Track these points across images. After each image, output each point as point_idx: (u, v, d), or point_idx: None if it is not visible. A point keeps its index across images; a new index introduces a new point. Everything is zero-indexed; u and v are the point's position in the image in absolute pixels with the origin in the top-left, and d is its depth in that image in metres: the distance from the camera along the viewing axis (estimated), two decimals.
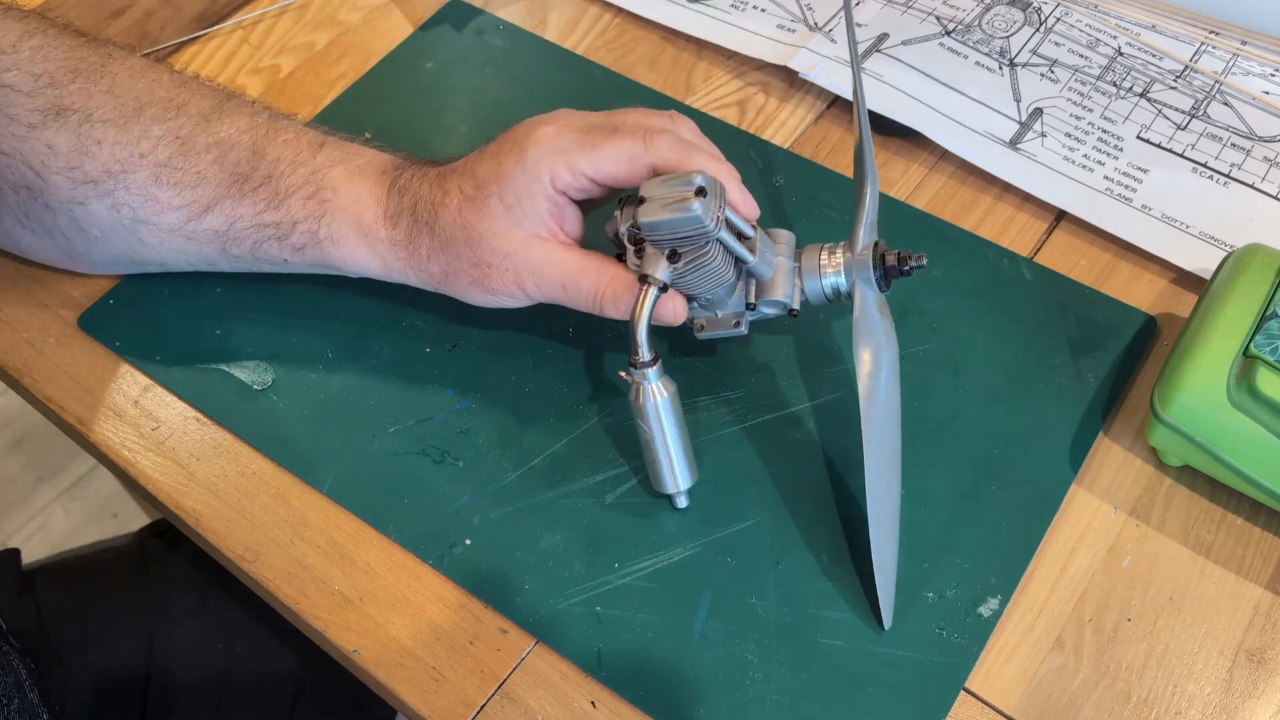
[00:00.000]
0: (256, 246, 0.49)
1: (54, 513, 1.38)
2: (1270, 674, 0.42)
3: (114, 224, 0.48)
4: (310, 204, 0.48)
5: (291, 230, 0.48)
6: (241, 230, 0.48)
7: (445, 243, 0.46)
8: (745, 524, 0.46)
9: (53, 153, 0.47)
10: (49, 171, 0.47)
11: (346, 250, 0.48)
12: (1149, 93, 0.60)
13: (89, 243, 0.50)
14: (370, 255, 0.48)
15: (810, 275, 0.45)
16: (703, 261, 0.43)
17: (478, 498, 0.47)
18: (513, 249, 0.45)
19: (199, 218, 0.48)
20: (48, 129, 0.47)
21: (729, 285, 0.45)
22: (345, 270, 0.49)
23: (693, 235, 0.41)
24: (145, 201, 0.48)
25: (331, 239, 0.48)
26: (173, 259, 0.50)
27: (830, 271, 0.45)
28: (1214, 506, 0.47)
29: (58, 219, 0.49)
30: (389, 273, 0.49)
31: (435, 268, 0.47)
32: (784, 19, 0.65)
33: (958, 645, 0.43)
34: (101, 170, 0.47)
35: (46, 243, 0.51)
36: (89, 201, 0.48)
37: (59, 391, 0.51)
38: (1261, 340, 0.43)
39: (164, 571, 0.66)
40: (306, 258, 0.49)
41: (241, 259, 0.50)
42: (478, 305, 0.48)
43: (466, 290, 0.47)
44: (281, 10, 0.67)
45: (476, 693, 0.43)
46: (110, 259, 0.51)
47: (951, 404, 0.49)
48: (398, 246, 0.47)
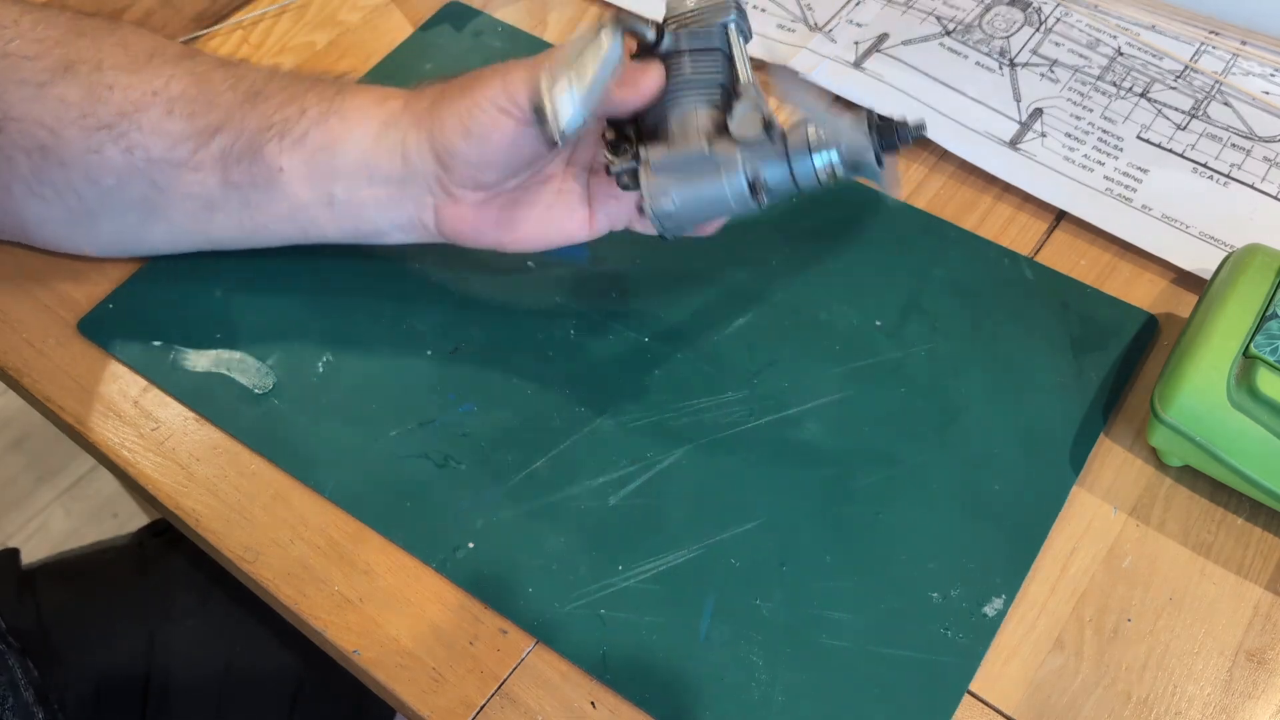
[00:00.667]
0: (256, 158, 0.47)
1: (54, 513, 1.38)
2: (1270, 674, 0.42)
3: (128, 168, 0.48)
4: (326, 91, 0.48)
5: (299, 118, 0.47)
6: (246, 142, 0.48)
7: (444, 81, 0.46)
8: (749, 525, 0.46)
9: (65, 105, 0.47)
10: (63, 125, 0.47)
11: (353, 117, 0.47)
12: (1149, 93, 0.60)
13: (101, 197, 0.49)
14: (378, 111, 0.47)
15: (801, 164, 0.41)
16: (707, 53, 0.43)
17: (480, 501, 0.47)
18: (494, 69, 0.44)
19: (207, 143, 0.48)
20: (58, 85, 0.47)
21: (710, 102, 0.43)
22: (340, 152, 0.47)
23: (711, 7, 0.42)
24: (158, 139, 0.48)
25: (340, 111, 0.47)
26: (178, 205, 0.50)
27: (823, 154, 0.41)
28: (1214, 506, 0.47)
29: (71, 176, 0.48)
30: (387, 125, 0.47)
31: (434, 91, 0.46)
32: (784, 19, 0.65)
33: (962, 645, 0.43)
34: (115, 113, 0.47)
35: (58, 210, 0.50)
36: (104, 148, 0.47)
37: (59, 391, 0.51)
38: (1261, 340, 0.43)
39: (164, 571, 0.66)
40: (306, 145, 0.47)
41: (239, 184, 0.48)
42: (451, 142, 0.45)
43: (451, 103, 0.45)
44: (281, 10, 0.67)
45: (476, 693, 0.43)
46: (118, 219, 0.50)
47: (953, 403, 0.49)
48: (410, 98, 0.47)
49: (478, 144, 0.44)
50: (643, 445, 0.48)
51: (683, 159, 0.42)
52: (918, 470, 0.47)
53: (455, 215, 0.48)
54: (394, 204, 0.48)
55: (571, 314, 0.53)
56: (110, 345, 0.52)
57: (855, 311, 0.52)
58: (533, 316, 0.53)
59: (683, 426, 0.49)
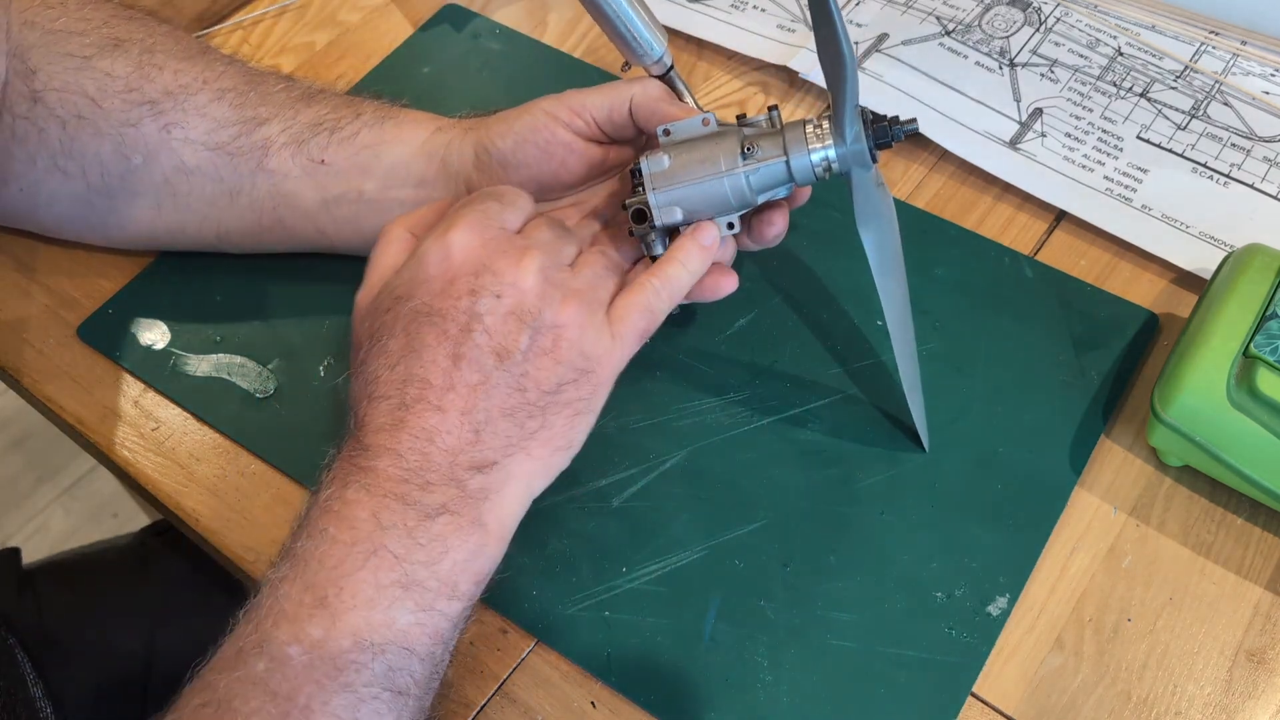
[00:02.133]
0: (301, 146, 0.49)
1: (54, 513, 1.38)
2: (1270, 674, 0.43)
3: (160, 146, 0.48)
4: (384, 106, 0.50)
5: (354, 120, 0.49)
6: (294, 133, 0.49)
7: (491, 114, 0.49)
8: (753, 526, 0.46)
9: (110, 78, 0.48)
10: (105, 96, 0.48)
11: (408, 126, 0.49)
12: (1149, 93, 0.60)
13: (125, 174, 0.49)
14: (431, 121, 0.49)
15: (797, 149, 0.43)
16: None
17: None
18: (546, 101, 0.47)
19: (251, 131, 0.49)
20: (105, 58, 0.48)
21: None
22: (386, 151, 0.49)
23: None
24: (200, 120, 0.48)
25: (395, 119, 0.49)
26: (201, 189, 0.50)
27: (819, 148, 0.43)
28: (1214, 506, 0.47)
29: (101, 146, 0.48)
30: (439, 131, 0.49)
31: (474, 119, 0.49)
32: (784, 19, 0.65)
33: (967, 644, 0.43)
34: (161, 91, 0.48)
35: (77, 185, 0.50)
36: (142, 122, 0.48)
37: (59, 391, 0.51)
38: (1261, 340, 0.43)
39: (165, 571, 0.66)
40: (355, 142, 0.49)
41: (274, 171, 0.49)
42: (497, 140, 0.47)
43: (504, 117, 0.47)
44: (281, 10, 0.67)
45: (476, 693, 0.43)
46: (135, 197, 0.50)
47: (956, 403, 0.49)
48: (450, 123, 0.49)
49: (514, 141, 0.46)
50: (645, 447, 0.48)
51: (686, 155, 0.44)
52: (920, 470, 0.47)
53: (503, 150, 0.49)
54: (417, 205, 0.49)
55: None
56: (111, 351, 0.52)
57: (856, 311, 0.52)
58: None
59: (685, 428, 0.49)
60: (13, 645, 0.56)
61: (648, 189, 0.43)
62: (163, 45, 0.49)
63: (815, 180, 0.44)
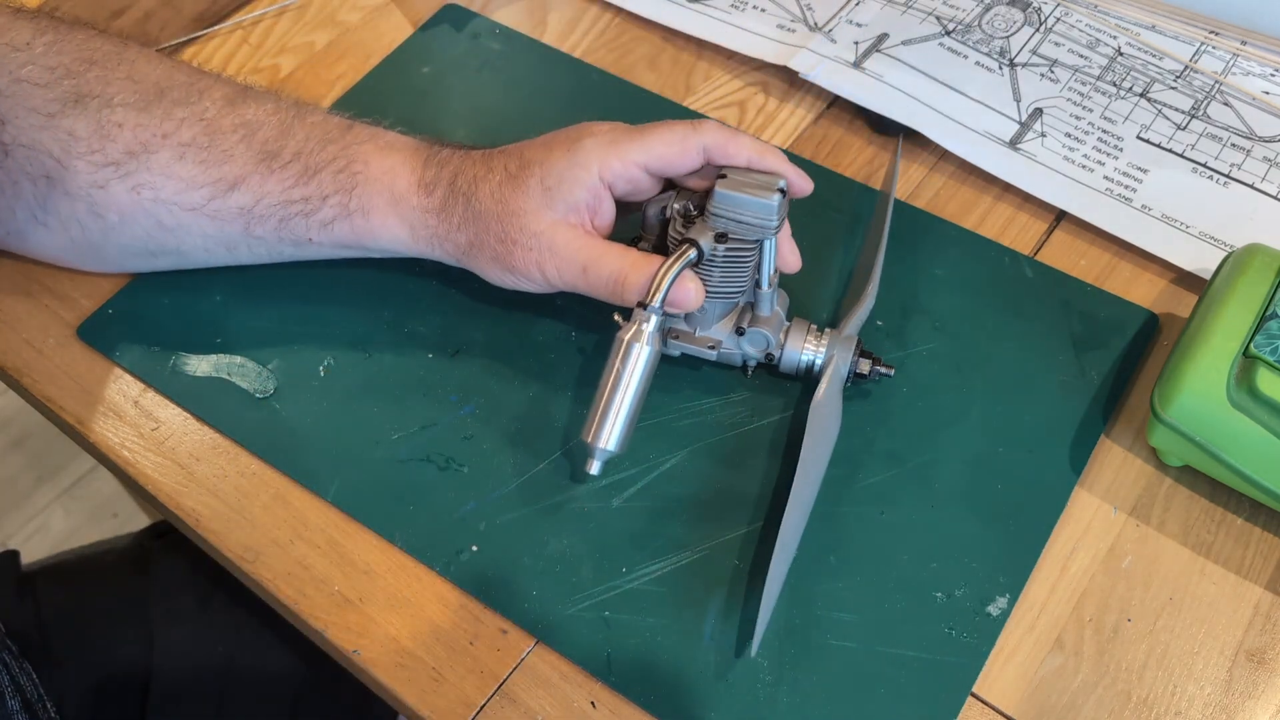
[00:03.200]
0: (282, 224, 0.49)
1: (54, 513, 1.38)
2: (1270, 674, 0.43)
3: (134, 207, 0.48)
4: (341, 177, 0.48)
5: (321, 205, 0.48)
6: (268, 207, 0.48)
7: (477, 215, 0.47)
8: (752, 526, 0.46)
9: (74, 139, 0.47)
10: (70, 157, 0.47)
11: (376, 221, 0.48)
12: (1149, 93, 0.60)
13: (105, 231, 0.49)
14: (400, 224, 0.48)
15: (792, 348, 0.48)
16: (739, 256, 0.45)
17: (483, 503, 0.47)
18: (540, 230, 0.45)
19: (224, 195, 0.48)
20: (67, 116, 0.47)
21: (730, 305, 0.47)
22: (370, 246, 0.50)
23: (753, 224, 0.44)
24: (167, 180, 0.48)
25: (362, 210, 0.48)
26: (190, 243, 0.50)
27: (810, 349, 0.48)
28: (1214, 506, 0.47)
29: (75, 207, 0.48)
30: (415, 241, 0.49)
31: (462, 238, 0.48)
32: (784, 19, 0.65)
33: (967, 644, 0.43)
34: (123, 152, 0.47)
35: (60, 239, 0.50)
36: (109, 184, 0.48)
37: (59, 391, 0.51)
38: (1261, 340, 0.43)
39: (164, 573, 0.66)
40: (333, 234, 0.49)
41: (264, 240, 0.50)
42: (494, 283, 0.48)
43: (487, 266, 0.48)
44: (281, 10, 0.67)
45: (476, 693, 0.43)
46: (124, 249, 0.51)
47: (956, 403, 0.49)
48: (429, 214, 0.48)
49: (523, 283, 0.48)
50: (645, 447, 0.48)
51: None
52: (920, 470, 0.47)
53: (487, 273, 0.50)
54: (430, 260, 0.51)
55: (572, 315, 0.53)
56: (111, 352, 0.52)
57: None
58: (533, 318, 0.53)
59: (685, 428, 0.49)
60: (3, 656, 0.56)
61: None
62: (120, 96, 0.48)
63: (791, 373, 0.49)
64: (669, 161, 0.45)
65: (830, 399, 0.47)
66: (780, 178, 0.44)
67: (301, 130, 0.49)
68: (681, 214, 0.46)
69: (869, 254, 0.52)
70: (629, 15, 0.66)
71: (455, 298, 0.53)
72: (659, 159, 0.45)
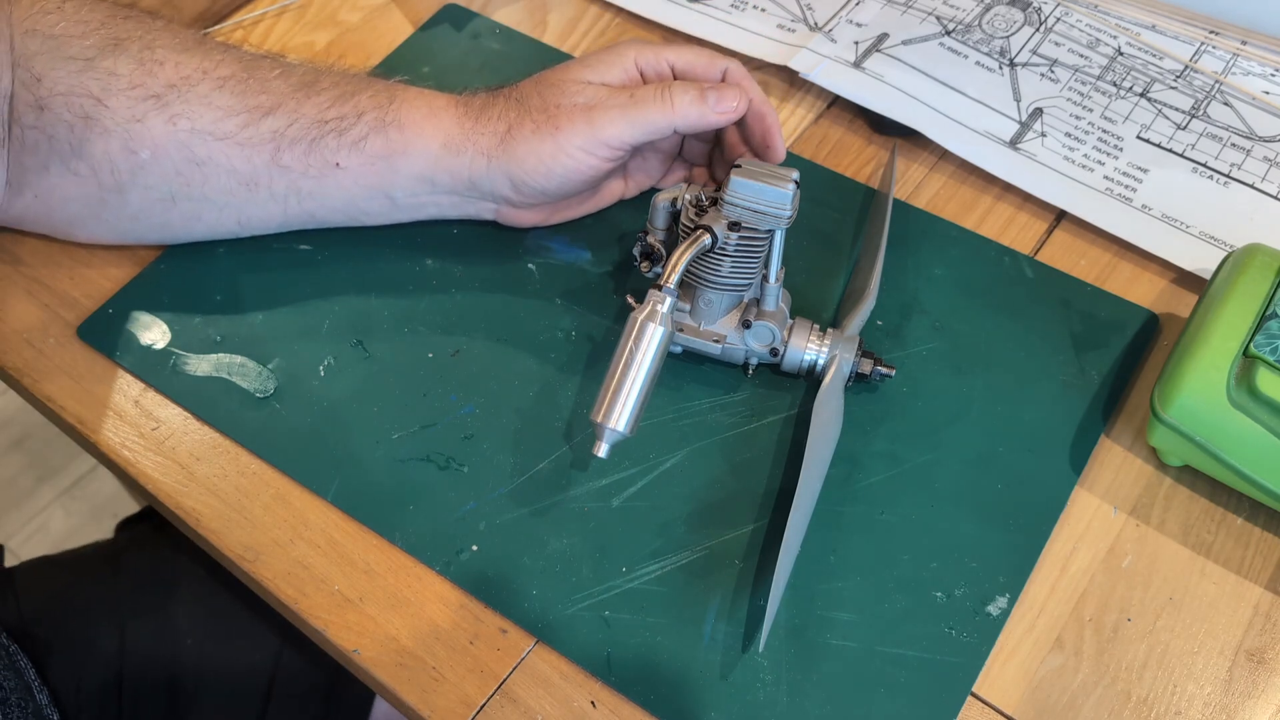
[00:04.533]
0: (312, 147, 0.49)
1: (54, 513, 1.38)
2: (1270, 674, 0.43)
3: (167, 139, 0.49)
4: (380, 96, 0.50)
5: (357, 121, 0.49)
6: (302, 129, 0.49)
7: (518, 100, 0.49)
8: (752, 526, 0.46)
9: (114, 77, 0.48)
10: (109, 94, 0.48)
11: (410, 132, 0.49)
12: (1149, 93, 0.60)
13: (134, 170, 0.49)
14: (434, 133, 0.49)
15: (795, 346, 0.48)
16: (750, 247, 0.46)
17: (483, 503, 0.47)
18: (582, 90, 0.48)
19: (258, 121, 0.49)
20: (107, 58, 0.48)
21: (736, 299, 0.48)
22: (399, 165, 0.50)
23: (767, 214, 0.45)
24: (205, 110, 0.49)
25: (398, 123, 0.49)
26: (214, 181, 0.50)
27: (813, 348, 0.48)
28: (1214, 506, 0.47)
29: (110, 145, 0.49)
30: (445, 152, 0.50)
31: (501, 125, 0.49)
32: (784, 19, 0.65)
33: (967, 644, 0.43)
34: (165, 84, 0.48)
35: (89, 186, 0.50)
36: (148, 116, 0.48)
37: (59, 391, 0.51)
38: (1261, 340, 0.43)
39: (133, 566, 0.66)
40: (365, 151, 0.49)
41: (289, 171, 0.50)
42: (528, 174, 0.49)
43: (528, 141, 0.48)
44: (281, 10, 0.67)
45: (476, 693, 0.43)
46: (147, 193, 0.50)
47: (956, 403, 0.49)
48: (466, 118, 0.50)
49: (560, 181, 0.49)
50: (645, 447, 0.48)
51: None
52: (920, 470, 0.47)
53: (514, 215, 0.53)
54: (454, 207, 0.53)
55: (571, 314, 0.53)
56: (111, 351, 0.52)
57: None
58: (533, 317, 0.53)
59: (685, 428, 0.49)
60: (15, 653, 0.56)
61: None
62: (162, 40, 0.49)
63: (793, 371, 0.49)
64: (695, 66, 0.50)
65: (833, 398, 0.47)
66: (795, 171, 0.45)
67: (338, 73, 0.51)
68: (694, 204, 0.47)
69: (869, 254, 0.52)
70: (629, 15, 0.66)
71: (455, 298, 0.53)
72: (687, 63, 0.50)
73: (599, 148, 0.48)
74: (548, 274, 0.54)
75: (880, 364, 0.48)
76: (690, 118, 0.47)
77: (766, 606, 0.42)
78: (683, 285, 0.47)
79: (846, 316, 0.49)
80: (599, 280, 0.54)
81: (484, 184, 0.50)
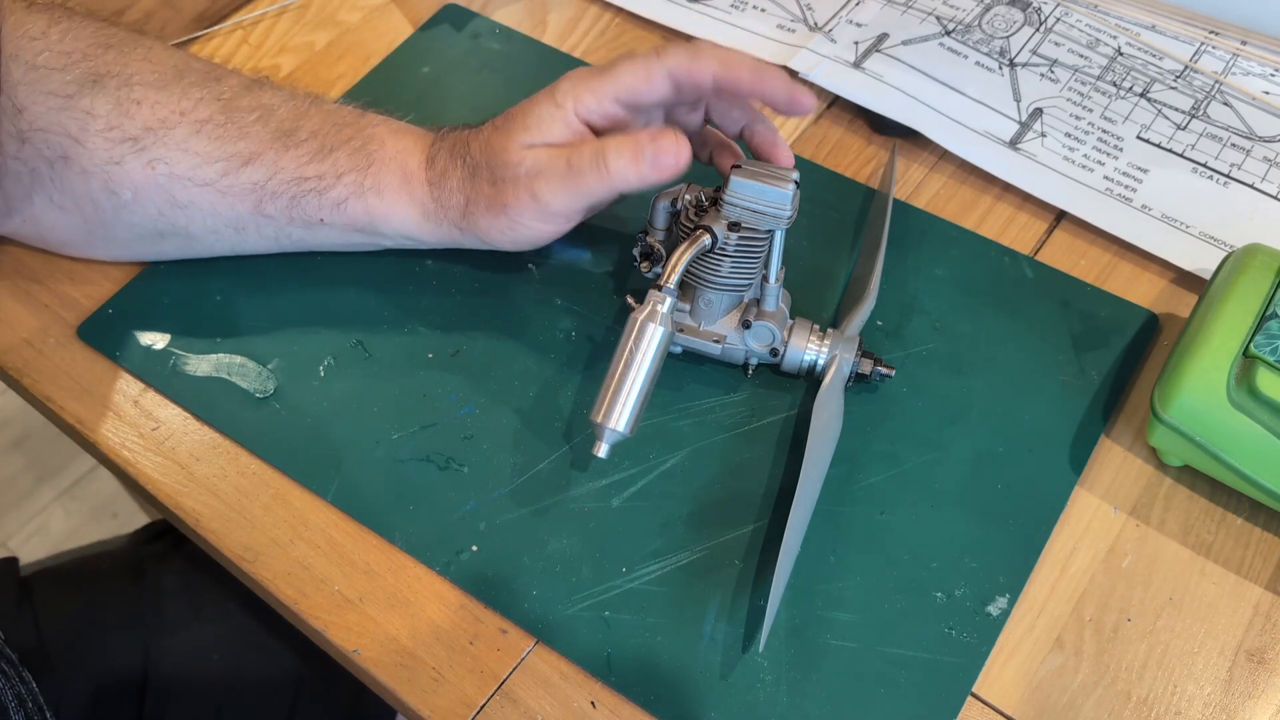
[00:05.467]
0: (294, 203, 0.49)
1: (54, 513, 1.38)
2: (1270, 674, 0.43)
3: (148, 182, 0.48)
4: (357, 156, 0.49)
5: (335, 183, 0.49)
6: (282, 184, 0.49)
7: (471, 170, 0.48)
8: (752, 526, 0.46)
9: (91, 117, 0.48)
10: (87, 135, 0.48)
11: (389, 199, 0.49)
12: (1149, 93, 0.60)
13: (117, 209, 0.49)
14: (410, 203, 0.49)
15: (795, 346, 0.48)
16: (750, 247, 0.46)
17: (483, 503, 0.47)
18: (522, 159, 0.47)
19: (238, 170, 0.49)
20: (85, 96, 0.47)
21: (736, 299, 0.48)
22: (382, 229, 0.50)
23: (767, 214, 0.45)
24: (183, 155, 0.48)
25: (376, 189, 0.49)
26: (200, 224, 0.50)
27: (814, 348, 0.48)
28: (1214, 506, 0.47)
29: (90, 185, 0.49)
30: (425, 220, 0.50)
31: (460, 198, 0.49)
32: (784, 19, 0.65)
33: (967, 644, 0.43)
34: (141, 128, 0.48)
35: (74, 218, 0.50)
36: (125, 160, 0.48)
37: (59, 391, 0.51)
38: (1261, 340, 0.43)
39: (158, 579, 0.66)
40: (346, 214, 0.49)
41: (274, 220, 0.50)
42: (497, 244, 0.49)
43: (484, 219, 0.48)
44: (281, 10, 0.67)
45: (476, 693, 0.43)
46: (133, 229, 0.51)
47: (956, 403, 0.49)
48: (432, 186, 0.49)
49: (530, 244, 0.49)
50: (645, 447, 0.48)
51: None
52: (920, 470, 0.47)
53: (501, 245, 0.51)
54: (442, 246, 0.52)
55: (571, 314, 0.53)
56: (111, 352, 0.52)
57: None
58: (533, 317, 0.53)
59: (684, 428, 0.49)
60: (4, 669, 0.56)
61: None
62: (140, 75, 0.49)
63: (793, 372, 0.49)
64: (637, 90, 0.46)
65: (833, 398, 0.47)
66: (795, 171, 0.45)
67: (318, 114, 0.50)
68: (694, 204, 0.47)
69: (869, 254, 0.52)
70: (629, 15, 0.66)
71: (455, 298, 0.53)
72: (627, 90, 0.46)
73: (551, 218, 0.47)
74: (548, 274, 0.54)
75: (880, 364, 0.48)
76: (630, 180, 0.44)
77: (766, 606, 0.42)
78: (683, 285, 0.47)
79: (846, 317, 0.49)
80: (599, 280, 0.54)
81: (465, 243, 0.51)
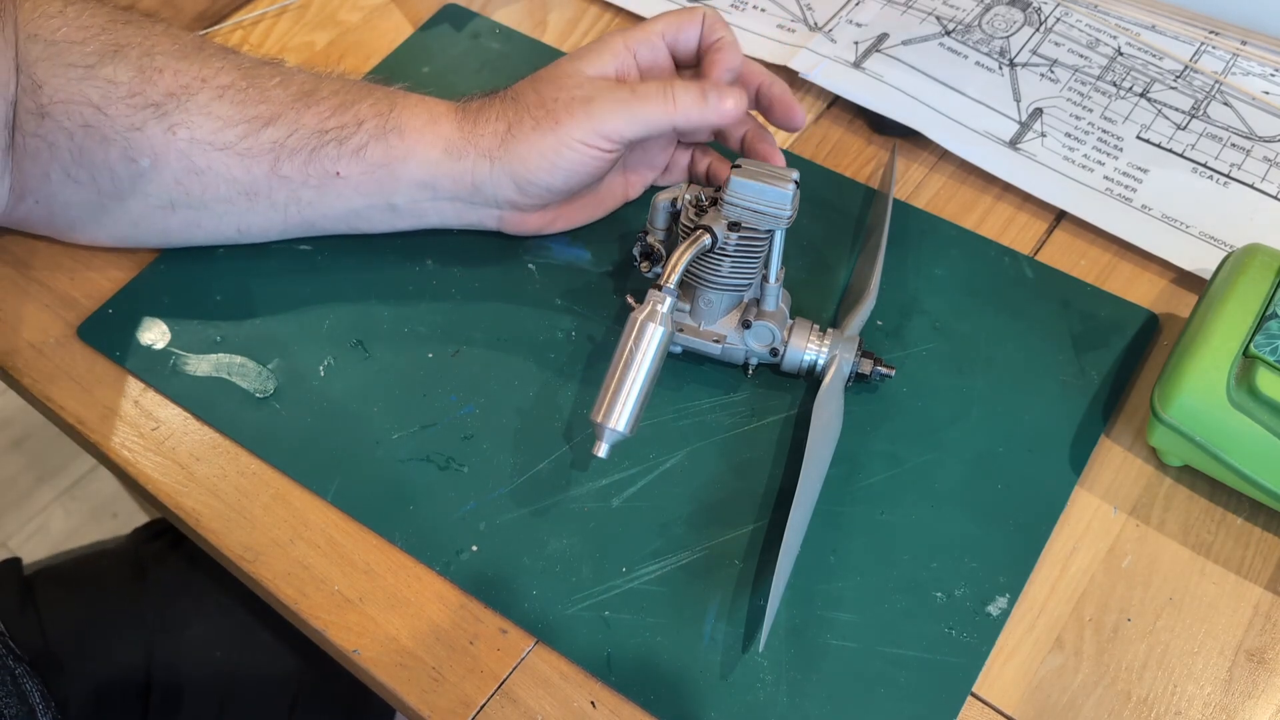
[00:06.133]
0: (312, 156, 0.49)
1: (54, 513, 1.38)
2: (1270, 674, 0.43)
3: (167, 148, 0.49)
4: (380, 104, 0.50)
5: (357, 130, 0.49)
6: (301, 139, 0.49)
7: (515, 99, 0.49)
8: (752, 526, 0.46)
9: (114, 85, 0.48)
10: (109, 102, 0.48)
11: (411, 138, 0.49)
12: (1149, 93, 0.60)
13: (134, 178, 0.49)
14: (434, 139, 0.49)
15: (795, 346, 0.48)
16: (750, 247, 0.46)
17: (483, 503, 0.47)
18: (581, 83, 0.48)
19: (258, 132, 0.49)
20: (107, 65, 0.48)
21: (736, 299, 0.48)
22: (399, 172, 0.50)
23: (767, 214, 0.45)
24: (205, 120, 0.48)
25: (399, 130, 0.49)
26: (214, 189, 0.50)
27: (814, 348, 0.48)
28: (1214, 506, 0.47)
29: (109, 153, 0.49)
30: (445, 156, 0.49)
31: (501, 125, 0.49)
32: (784, 19, 0.65)
33: (967, 644, 0.43)
34: (164, 93, 0.48)
35: (87, 193, 0.50)
36: (147, 125, 0.48)
37: (59, 391, 0.51)
38: (1261, 340, 0.43)
39: (161, 577, 0.66)
40: (366, 159, 0.49)
41: (289, 180, 0.50)
42: (533, 180, 0.49)
43: (529, 138, 0.48)
44: (281, 10, 0.67)
45: (476, 693, 0.43)
46: (147, 200, 0.51)
47: (956, 403, 0.49)
48: (465, 122, 0.50)
49: (564, 175, 0.49)
50: (645, 447, 0.48)
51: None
52: (920, 470, 0.47)
53: (517, 221, 0.53)
54: (456, 215, 0.52)
55: (571, 314, 0.53)
56: (111, 351, 0.52)
57: None
58: (533, 317, 0.53)
59: (685, 428, 0.49)
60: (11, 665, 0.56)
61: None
62: (161, 46, 0.49)
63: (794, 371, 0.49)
64: (681, 30, 0.50)
65: (833, 398, 0.47)
66: (795, 171, 0.45)
67: (338, 80, 0.51)
68: (694, 204, 0.47)
69: (869, 254, 0.52)
70: (629, 15, 0.66)
71: (455, 299, 0.53)
72: (672, 25, 0.50)
73: (600, 140, 0.47)
74: (548, 274, 0.54)
75: (880, 364, 0.48)
76: (691, 117, 0.47)
77: (766, 606, 0.42)
78: (683, 285, 0.47)
79: (846, 316, 0.49)
80: (599, 280, 0.54)
81: (487, 187, 0.50)
